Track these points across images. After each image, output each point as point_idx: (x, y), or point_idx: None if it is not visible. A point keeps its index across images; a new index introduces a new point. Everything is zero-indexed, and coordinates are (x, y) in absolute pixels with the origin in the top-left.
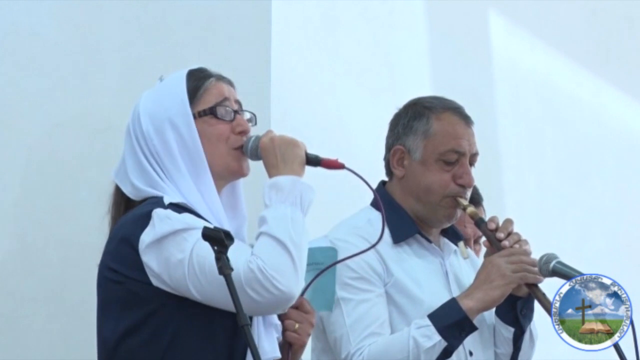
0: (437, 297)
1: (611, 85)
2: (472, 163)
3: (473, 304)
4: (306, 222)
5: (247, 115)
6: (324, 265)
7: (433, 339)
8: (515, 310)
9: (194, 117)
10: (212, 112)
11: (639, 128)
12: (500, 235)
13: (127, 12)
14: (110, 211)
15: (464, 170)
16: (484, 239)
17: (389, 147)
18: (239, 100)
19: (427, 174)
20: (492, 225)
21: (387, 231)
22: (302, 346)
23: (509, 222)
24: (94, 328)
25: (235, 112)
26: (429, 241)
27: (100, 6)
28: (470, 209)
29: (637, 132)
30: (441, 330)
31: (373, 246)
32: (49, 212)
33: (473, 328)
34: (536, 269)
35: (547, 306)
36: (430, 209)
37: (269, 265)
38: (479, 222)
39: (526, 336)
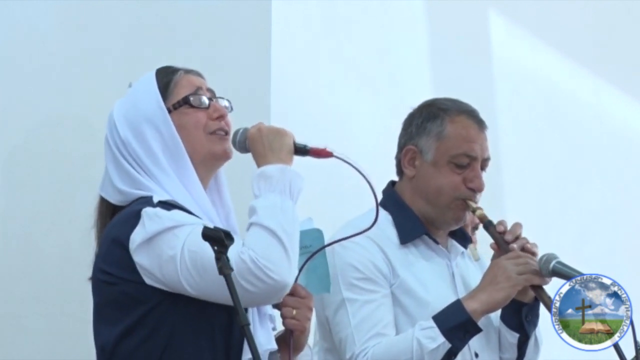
0: (443, 299)
1: (611, 85)
2: (483, 167)
3: (477, 306)
4: (297, 211)
5: (223, 102)
6: (312, 247)
7: (437, 341)
8: (520, 316)
9: (169, 112)
10: (186, 101)
11: (639, 128)
12: (508, 237)
13: (127, 12)
14: (95, 224)
15: (474, 174)
16: (491, 241)
17: (401, 147)
18: (211, 89)
19: (437, 175)
20: (501, 228)
21: (394, 232)
22: (303, 332)
23: (517, 225)
24: None
25: (210, 99)
26: (436, 242)
27: (100, 6)
28: (480, 211)
29: (637, 132)
30: (445, 332)
31: (366, 230)
32: (48, 212)
33: (477, 330)
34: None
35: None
36: (439, 211)
37: (261, 255)
38: (488, 225)
39: (531, 342)
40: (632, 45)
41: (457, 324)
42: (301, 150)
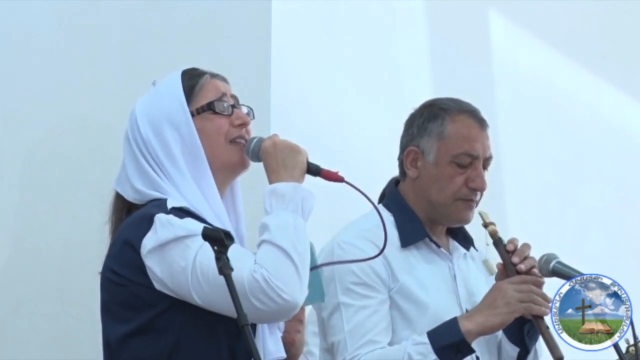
0: (444, 302)
1: (611, 85)
2: (485, 167)
3: (472, 327)
4: (307, 228)
5: (244, 110)
6: None
7: (428, 358)
8: (522, 332)
9: (192, 115)
10: (210, 107)
11: (639, 128)
12: (515, 259)
13: (127, 12)
14: (110, 219)
15: (476, 173)
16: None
17: (403, 148)
18: (235, 95)
19: (439, 176)
20: (511, 247)
21: (395, 234)
22: (293, 344)
23: (526, 246)
24: (94, 328)
25: (233, 106)
26: (438, 246)
27: (101, 6)
28: (492, 227)
29: (637, 132)
30: (437, 350)
31: (370, 259)
32: (49, 212)
33: (470, 351)
34: (545, 302)
35: (549, 342)
36: (442, 211)
37: (274, 275)
38: (498, 243)
39: (530, 356)
40: (632, 45)
41: (450, 343)
42: (313, 170)
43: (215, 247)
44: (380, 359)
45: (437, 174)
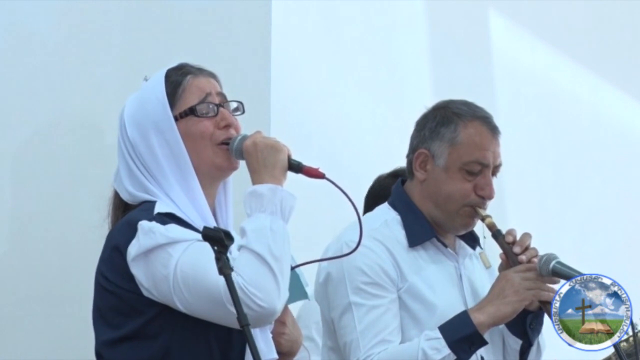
0: (451, 303)
1: (611, 85)
2: (494, 174)
3: (484, 319)
4: (287, 230)
5: (233, 105)
6: None
7: (442, 352)
8: (525, 324)
9: (176, 119)
10: (192, 112)
11: (639, 128)
12: (517, 249)
13: (127, 12)
14: (109, 215)
15: (485, 181)
16: (500, 251)
17: (413, 148)
18: (221, 92)
19: (448, 181)
20: (510, 239)
21: (402, 233)
22: (278, 346)
23: (526, 236)
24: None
25: (219, 105)
26: (445, 245)
27: (100, 5)
28: (489, 220)
29: (637, 132)
30: (451, 344)
31: (346, 255)
32: (48, 212)
33: (483, 342)
34: (552, 288)
35: None
36: (448, 216)
37: (249, 282)
38: (497, 234)
39: (533, 348)
40: (632, 45)
41: (463, 336)
42: (295, 167)
43: (215, 247)
44: (394, 357)
45: (446, 179)
